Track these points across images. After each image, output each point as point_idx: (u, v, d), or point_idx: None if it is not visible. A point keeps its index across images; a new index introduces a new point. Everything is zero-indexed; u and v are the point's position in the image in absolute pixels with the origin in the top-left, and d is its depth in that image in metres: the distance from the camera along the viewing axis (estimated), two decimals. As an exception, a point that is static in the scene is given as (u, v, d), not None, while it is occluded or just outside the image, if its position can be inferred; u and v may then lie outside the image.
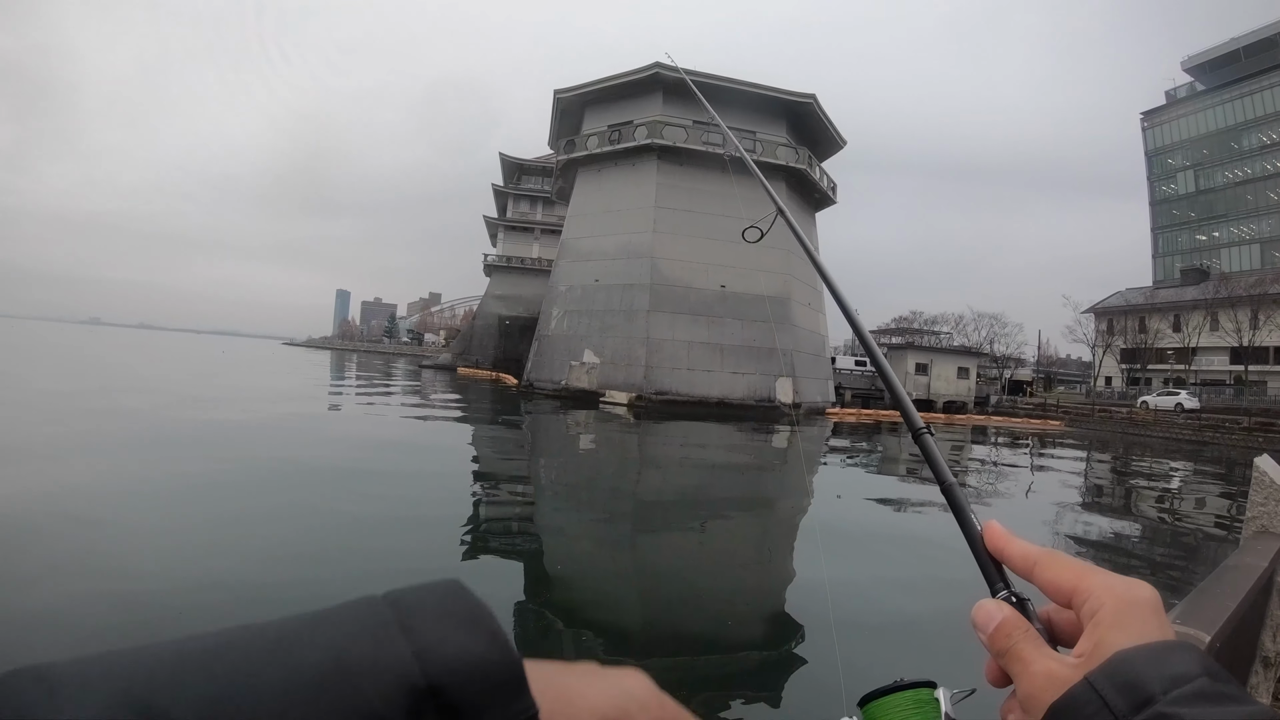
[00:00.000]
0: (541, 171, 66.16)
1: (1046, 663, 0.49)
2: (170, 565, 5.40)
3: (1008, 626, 0.53)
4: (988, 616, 0.55)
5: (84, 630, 4.15)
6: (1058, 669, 0.48)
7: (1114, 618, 0.48)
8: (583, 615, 5.53)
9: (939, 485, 0.70)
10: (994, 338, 66.59)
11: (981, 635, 0.55)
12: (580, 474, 13.31)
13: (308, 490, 8.72)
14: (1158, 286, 66.88)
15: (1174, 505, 14.18)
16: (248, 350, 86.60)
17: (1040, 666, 0.49)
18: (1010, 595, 0.56)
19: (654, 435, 20.44)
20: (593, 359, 33.64)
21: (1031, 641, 0.52)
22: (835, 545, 8.19)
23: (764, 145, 35.67)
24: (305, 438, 13.51)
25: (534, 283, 59.01)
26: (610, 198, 36.27)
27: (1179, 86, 71.10)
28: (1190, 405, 42.97)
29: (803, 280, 37.26)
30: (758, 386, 33.31)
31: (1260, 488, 3.00)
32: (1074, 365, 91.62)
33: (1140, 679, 0.43)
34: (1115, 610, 0.48)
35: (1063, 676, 0.47)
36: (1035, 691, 0.49)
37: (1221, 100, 65.10)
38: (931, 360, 46.09)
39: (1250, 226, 62.68)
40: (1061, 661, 0.49)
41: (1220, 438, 35.04)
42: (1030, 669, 0.50)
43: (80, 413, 14.13)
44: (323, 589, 5.18)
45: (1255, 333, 50.38)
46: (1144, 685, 0.43)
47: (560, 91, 38.48)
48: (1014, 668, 0.51)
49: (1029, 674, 0.50)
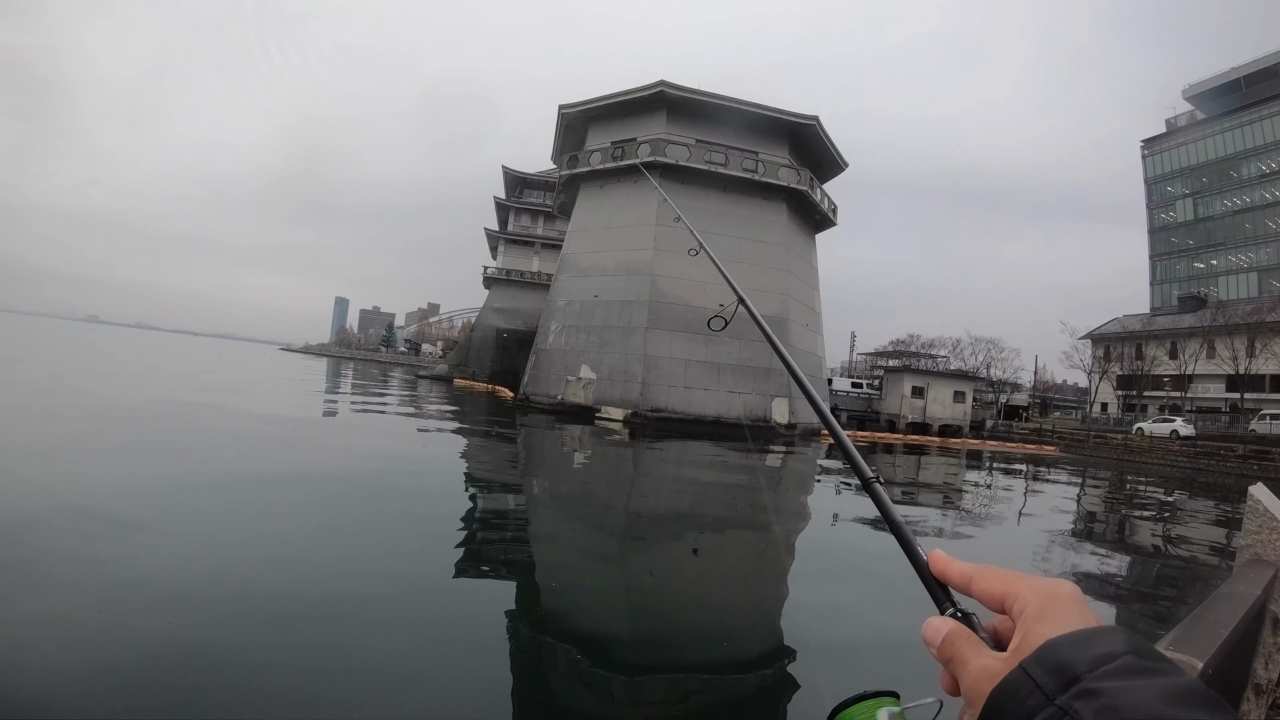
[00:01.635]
0: (543, 185, 66.40)
1: (982, 659, 0.55)
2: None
3: (952, 636, 0.59)
4: (935, 631, 0.61)
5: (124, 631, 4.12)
6: (992, 663, 0.54)
7: (1038, 612, 0.53)
8: (572, 630, 5.49)
9: (888, 526, 0.78)
10: (991, 362, 66.76)
11: (931, 649, 0.61)
12: (573, 490, 13.27)
13: (292, 495, 8.68)
14: (1155, 313, 67.10)
15: (1167, 532, 14.16)
16: (244, 354, 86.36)
17: (977, 663, 0.55)
18: (956, 612, 0.63)
19: (649, 453, 20.40)
20: (589, 374, 33.63)
21: (972, 646, 0.58)
22: (828, 565, 8.17)
23: (766, 165, 35.85)
24: (299, 445, 13.47)
25: (533, 296, 59.12)
26: (611, 214, 36.40)
27: (1179, 115, 71.54)
28: (1186, 432, 42.98)
29: (801, 301, 37.36)
30: (754, 406, 33.31)
31: (1254, 516, 3.01)
32: (1070, 391, 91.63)
33: (1067, 660, 0.48)
34: (1039, 606, 0.54)
35: (997, 669, 0.53)
36: (973, 685, 0.54)
37: (1222, 129, 65.49)
38: (928, 384, 46.07)
39: (1248, 255, 62.92)
40: (995, 657, 0.55)
41: (1215, 465, 35.05)
42: (969, 667, 0.56)
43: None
44: (304, 588, 5.15)
45: (1251, 361, 50.48)
46: (1071, 665, 0.47)
47: (565, 107, 38.71)
48: (959, 670, 0.57)
49: (968, 671, 0.56)
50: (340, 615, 4.94)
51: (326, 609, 5.03)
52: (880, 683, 0.63)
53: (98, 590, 4.83)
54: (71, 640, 4.07)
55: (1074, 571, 9.20)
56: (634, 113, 36.75)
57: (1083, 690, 0.45)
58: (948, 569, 0.65)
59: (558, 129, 40.79)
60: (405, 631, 4.78)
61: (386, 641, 4.55)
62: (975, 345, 67.78)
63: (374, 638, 4.61)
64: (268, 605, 4.94)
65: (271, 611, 4.83)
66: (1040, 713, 0.47)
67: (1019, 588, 0.57)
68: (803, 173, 37.12)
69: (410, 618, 5.06)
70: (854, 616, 6.25)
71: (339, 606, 5.10)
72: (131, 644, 4.08)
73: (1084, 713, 0.44)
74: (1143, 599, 8.46)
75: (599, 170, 36.98)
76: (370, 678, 4.01)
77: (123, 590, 4.86)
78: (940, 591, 0.66)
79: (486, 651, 4.76)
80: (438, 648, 4.66)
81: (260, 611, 4.81)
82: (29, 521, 6.20)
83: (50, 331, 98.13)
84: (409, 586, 5.81)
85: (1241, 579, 2.65)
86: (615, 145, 36.52)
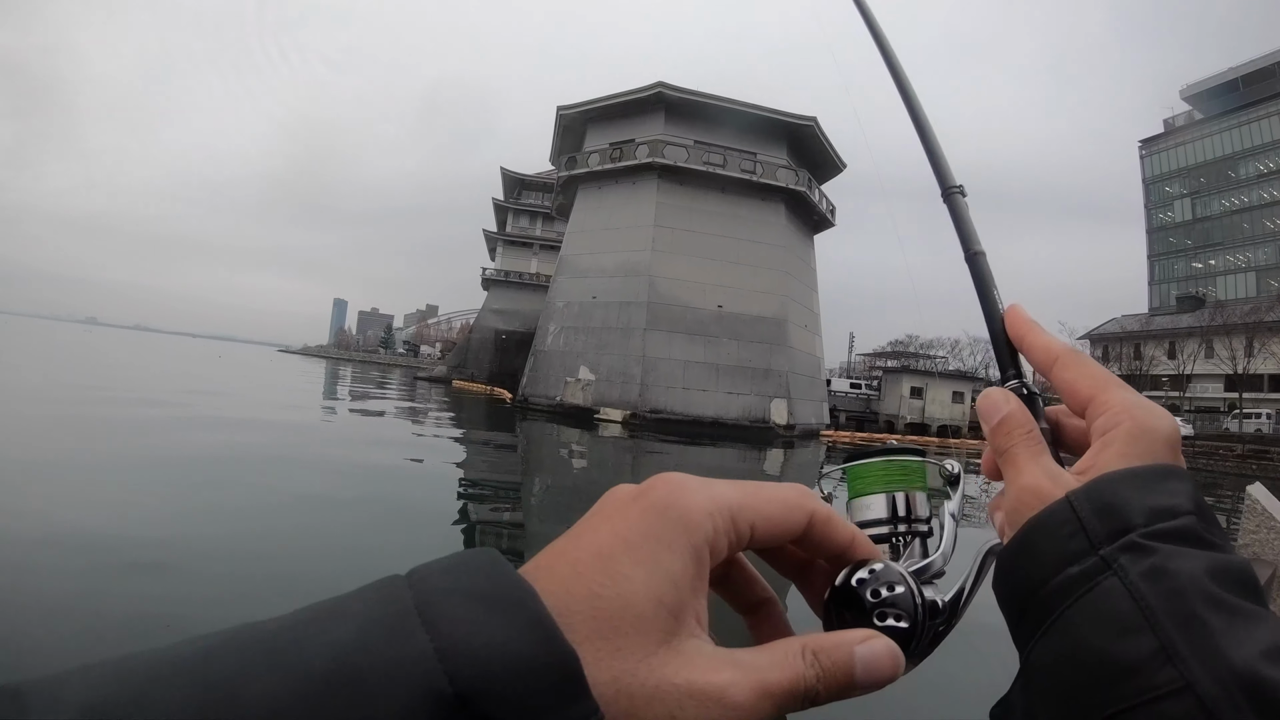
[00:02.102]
0: (542, 187, 66.40)
1: (1038, 475, 0.46)
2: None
3: (1011, 422, 0.50)
4: (994, 406, 0.51)
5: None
6: (1048, 485, 0.45)
7: (1125, 442, 0.44)
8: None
9: (964, 253, 0.63)
10: (989, 363, 66.61)
11: (984, 425, 0.51)
12: (571, 490, 13.25)
13: (285, 493, 8.65)
14: (1153, 313, 67.07)
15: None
16: (243, 356, 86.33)
17: (1030, 478, 0.46)
18: (1021, 386, 0.53)
19: (649, 455, 20.39)
20: (588, 375, 33.63)
21: (1031, 446, 0.48)
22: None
23: (764, 166, 35.88)
24: (299, 449, 13.44)
25: (532, 298, 59.08)
26: (610, 215, 36.44)
27: (1177, 115, 71.56)
28: (1184, 432, 42.95)
29: (799, 302, 37.36)
30: (752, 407, 33.33)
31: (1252, 515, 2.99)
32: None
33: (1123, 505, 0.40)
34: (1129, 434, 0.44)
35: (1051, 493, 0.44)
36: (1020, 504, 0.46)
37: (1220, 128, 65.48)
38: (927, 384, 46.14)
39: (1246, 255, 62.94)
40: (1055, 477, 0.45)
41: (1213, 465, 35.05)
42: (1021, 478, 0.47)
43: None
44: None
45: (1250, 361, 50.46)
46: (1125, 512, 0.40)
47: (563, 108, 38.74)
48: (1008, 471, 0.48)
49: (1019, 484, 0.47)
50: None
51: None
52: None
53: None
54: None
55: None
56: (632, 114, 36.79)
57: (1132, 544, 0.38)
58: (1029, 334, 0.54)
59: (556, 130, 40.83)
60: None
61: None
62: (974, 346, 67.76)
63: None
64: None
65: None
66: (1080, 561, 0.39)
67: (1112, 399, 0.46)
68: (801, 173, 37.18)
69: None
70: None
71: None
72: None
73: (1131, 571, 0.38)
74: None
75: (597, 171, 37.02)
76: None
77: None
78: (1009, 355, 0.55)
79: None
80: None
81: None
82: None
83: (44, 333, 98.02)
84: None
85: (1239, 579, 2.62)
86: (613, 146, 36.55)
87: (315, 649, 0.24)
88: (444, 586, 0.27)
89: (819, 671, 0.34)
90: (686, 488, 0.34)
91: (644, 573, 0.31)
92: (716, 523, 0.34)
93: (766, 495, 0.37)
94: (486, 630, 0.26)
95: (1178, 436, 0.45)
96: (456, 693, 0.24)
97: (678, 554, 0.32)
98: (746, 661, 0.33)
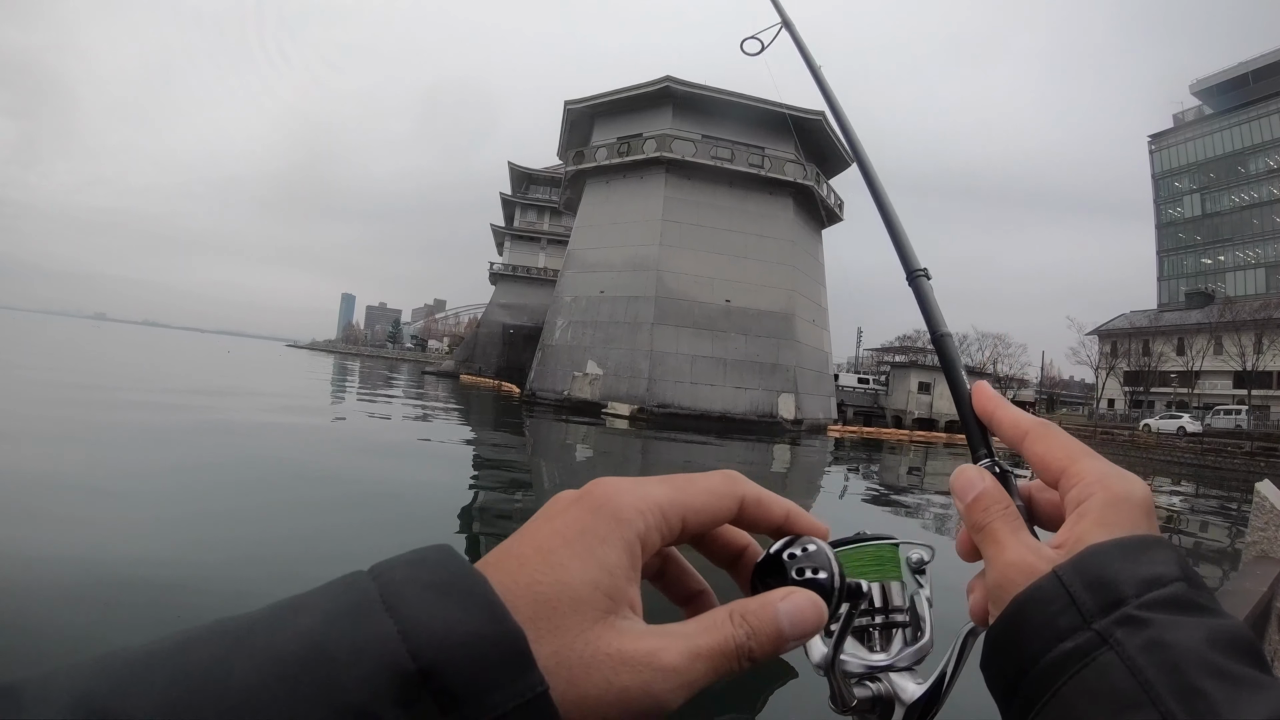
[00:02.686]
0: (549, 181, 66.46)
1: (1021, 550, 0.45)
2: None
3: (987, 499, 0.49)
4: (968, 483, 0.50)
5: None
6: (1033, 559, 0.44)
7: (1101, 512, 0.44)
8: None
9: (930, 335, 0.64)
10: (998, 358, 66.48)
11: (959, 503, 0.50)
12: (578, 486, 13.31)
13: (293, 491, 8.75)
14: (1162, 309, 66.68)
15: (1174, 529, 14.15)
16: (253, 351, 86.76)
17: (1014, 554, 0.45)
18: (993, 465, 0.52)
19: (656, 446, 20.45)
20: (596, 370, 33.70)
21: (1009, 522, 0.47)
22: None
23: (772, 161, 35.83)
24: (308, 443, 13.55)
25: (539, 292, 59.16)
26: (618, 210, 36.46)
27: (1187, 110, 71.19)
28: (1192, 429, 42.86)
29: (807, 297, 37.31)
30: (760, 402, 33.34)
31: (1261, 512, 3.02)
32: (1077, 387, 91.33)
33: (1113, 576, 0.40)
34: (1104, 503, 0.44)
35: (1037, 568, 0.43)
36: (1005, 581, 0.44)
37: (1229, 124, 65.09)
38: (934, 379, 45.94)
39: (1256, 251, 62.61)
40: (1038, 551, 0.45)
41: (1222, 462, 34.92)
42: (1004, 554, 0.46)
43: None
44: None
45: (1259, 357, 50.25)
46: (1116, 584, 0.39)
47: (570, 103, 38.72)
48: (988, 549, 0.47)
49: (1002, 560, 0.46)
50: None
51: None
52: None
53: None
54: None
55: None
56: (640, 108, 36.75)
57: (1126, 616, 0.38)
58: (997, 411, 0.54)
59: (563, 125, 40.81)
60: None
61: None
62: (982, 341, 67.55)
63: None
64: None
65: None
66: (1073, 636, 0.39)
67: (1084, 470, 0.46)
68: (809, 168, 37.10)
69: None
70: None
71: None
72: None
73: (1128, 645, 0.37)
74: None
75: (605, 166, 37.03)
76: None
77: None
78: (979, 434, 0.54)
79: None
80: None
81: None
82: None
83: (55, 330, 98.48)
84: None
85: (1248, 575, 2.67)
86: (621, 141, 36.54)
87: (287, 636, 0.27)
88: (404, 578, 0.30)
89: (748, 630, 0.36)
90: (620, 489, 0.37)
91: (579, 563, 0.34)
92: (647, 519, 0.36)
93: (696, 488, 0.39)
94: (444, 613, 0.29)
95: (1151, 502, 0.45)
96: (419, 668, 0.27)
97: (611, 546, 0.35)
98: (675, 630, 0.35)
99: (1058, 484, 0.48)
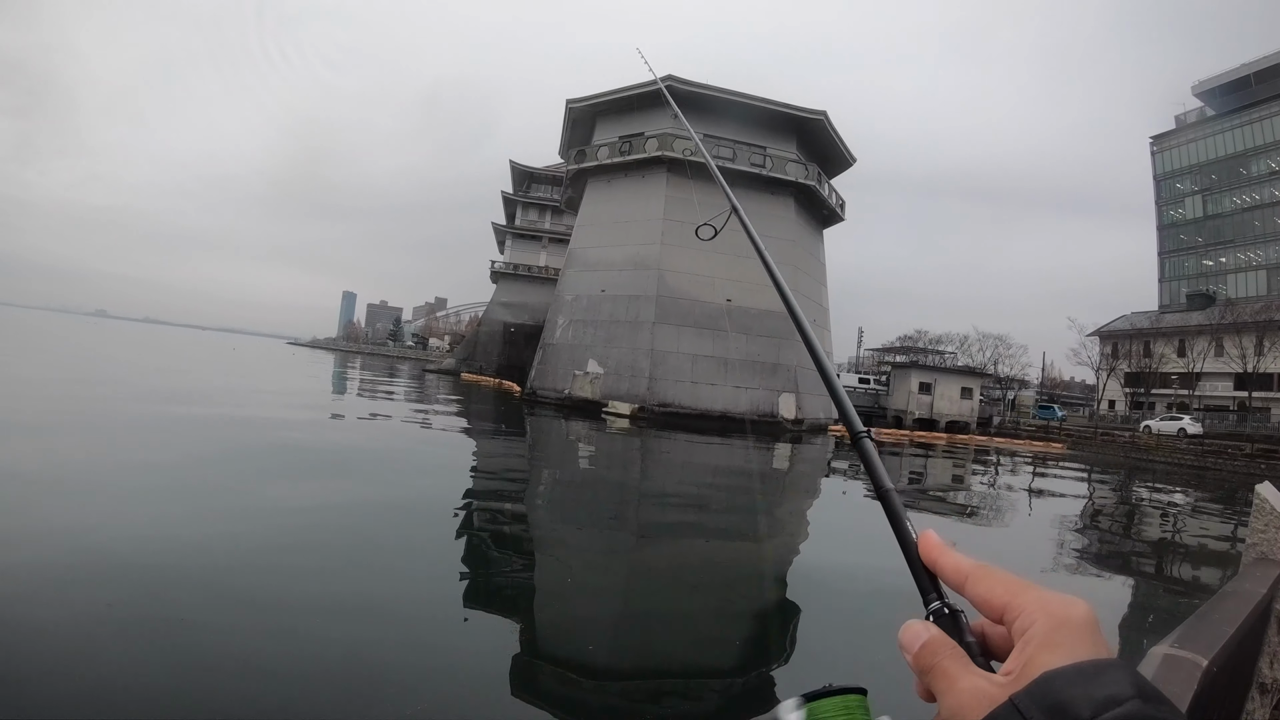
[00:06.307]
0: (551, 180, 66.47)
1: (972, 679, 0.47)
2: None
3: (933, 645, 0.51)
4: (914, 637, 0.53)
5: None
6: (984, 686, 0.46)
7: (1045, 636, 0.45)
8: (563, 628, 5.55)
9: (875, 490, 0.67)
10: (998, 359, 66.37)
11: (906, 655, 0.53)
12: (577, 487, 13.33)
13: (300, 489, 8.76)
14: (1163, 311, 66.65)
15: (1174, 530, 14.16)
16: (258, 349, 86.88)
17: (966, 684, 0.47)
18: (943, 607, 0.55)
19: (655, 446, 20.45)
20: (597, 369, 33.71)
21: (957, 659, 0.50)
22: (831, 570, 8.21)
23: (773, 160, 35.82)
24: (313, 443, 13.57)
25: (540, 291, 59.18)
26: (619, 209, 36.43)
27: (1189, 111, 71.07)
28: (1193, 431, 42.87)
29: (808, 297, 37.31)
30: (760, 401, 33.35)
31: (1261, 514, 3.02)
32: (1078, 388, 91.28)
33: (1068, 701, 0.41)
34: (1047, 629, 0.46)
35: (988, 694, 0.45)
36: (961, 709, 0.46)
37: (1231, 125, 64.99)
38: (935, 380, 45.95)
39: (1257, 252, 62.54)
40: (988, 679, 0.47)
41: (1222, 464, 34.94)
42: (955, 686, 0.48)
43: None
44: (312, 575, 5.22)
45: (1260, 359, 50.25)
46: (1072, 707, 0.40)
47: (573, 101, 38.68)
48: (938, 685, 0.49)
49: (954, 691, 0.47)
50: (349, 611, 5.00)
51: (353, 603, 5.09)
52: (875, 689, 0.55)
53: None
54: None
55: (1077, 569, 9.22)
56: (641, 107, 36.63)
57: None
58: (940, 559, 0.56)
59: (565, 124, 40.75)
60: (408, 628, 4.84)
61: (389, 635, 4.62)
62: (983, 341, 67.42)
63: (370, 631, 4.68)
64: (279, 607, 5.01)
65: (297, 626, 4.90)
66: None
67: (1025, 602, 0.48)
68: (811, 168, 37.09)
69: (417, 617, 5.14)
70: (853, 621, 6.27)
71: (360, 601, 5.17)
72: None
73: None
74: (1147, 597, 8.48)
75: (606, 165, 37.02)
76: (366, 668, 4.06)
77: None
78: (928, 580, 0.57)
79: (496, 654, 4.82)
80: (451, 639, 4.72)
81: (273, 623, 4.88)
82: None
83: (55, 327, 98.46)
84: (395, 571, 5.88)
85: (1247, 577, 2.67)
86: (623, 140, 36.52)
87: None
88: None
89: None
90: None
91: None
92: None
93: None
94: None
95: (1094, 621, 0.46)
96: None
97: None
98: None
99: (1002, 620, 0.50)
